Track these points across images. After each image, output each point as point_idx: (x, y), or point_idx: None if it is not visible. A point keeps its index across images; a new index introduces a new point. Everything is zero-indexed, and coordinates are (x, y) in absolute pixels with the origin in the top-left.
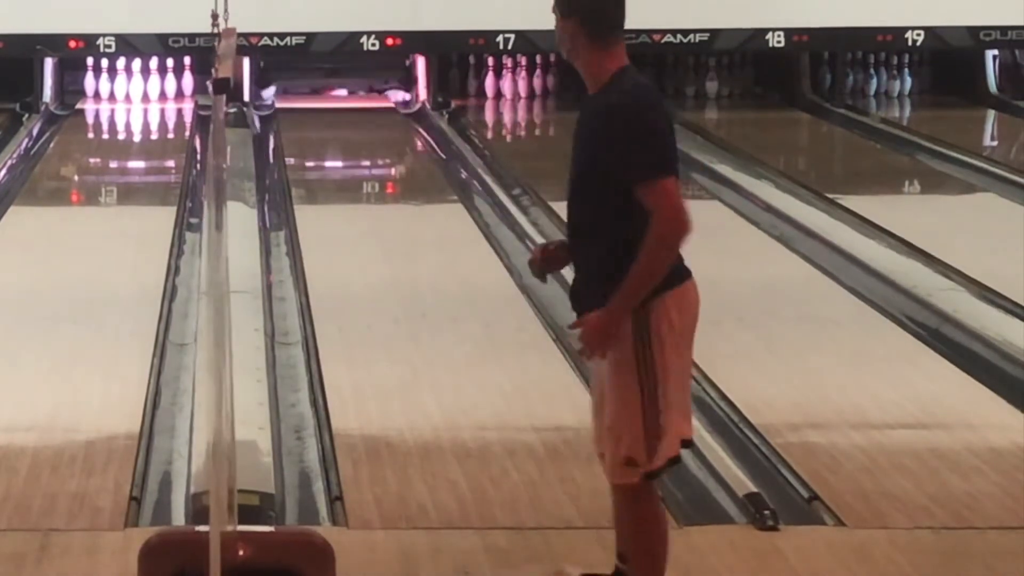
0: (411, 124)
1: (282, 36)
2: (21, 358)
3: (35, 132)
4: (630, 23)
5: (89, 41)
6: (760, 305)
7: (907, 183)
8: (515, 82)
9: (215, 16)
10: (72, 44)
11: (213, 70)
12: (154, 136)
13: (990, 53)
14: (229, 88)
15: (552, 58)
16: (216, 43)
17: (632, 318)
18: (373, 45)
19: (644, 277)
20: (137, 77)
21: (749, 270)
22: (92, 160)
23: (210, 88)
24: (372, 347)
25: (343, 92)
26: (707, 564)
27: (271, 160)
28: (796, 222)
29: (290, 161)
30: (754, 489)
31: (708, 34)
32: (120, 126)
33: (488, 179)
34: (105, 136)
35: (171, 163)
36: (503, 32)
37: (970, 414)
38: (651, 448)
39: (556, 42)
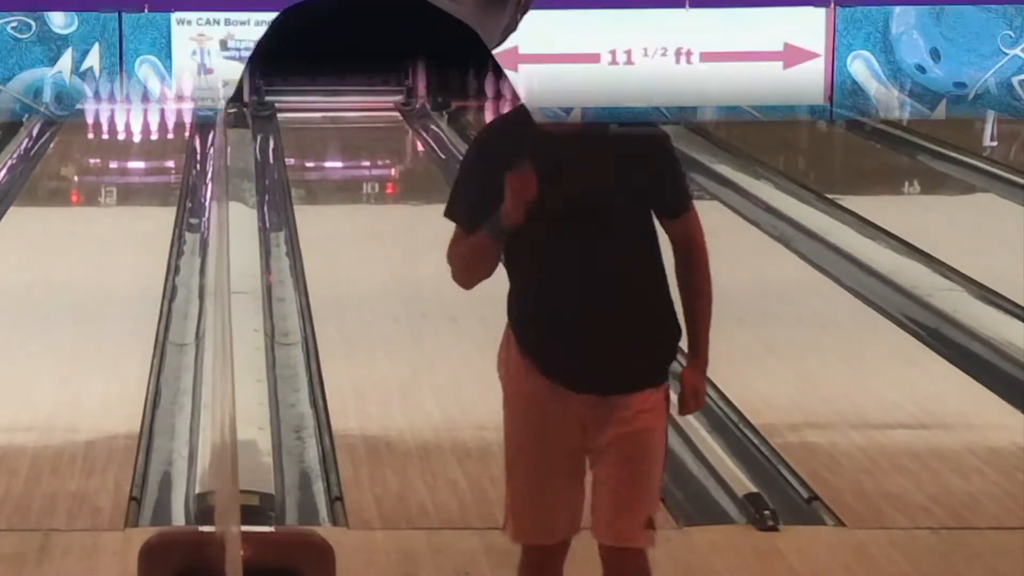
0: (411, 124)
1: None
2: (21, 358)
3: (35, 132)
4: None
5: None
6: (760, 305)
7: (907, 183)
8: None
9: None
10: None
11: None
12: (154, 136)
13: None
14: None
15: None
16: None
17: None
18: None
19: (709, 313)
20: None
21: (749, 270)
22: (92, 160)
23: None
24: (372, 347)
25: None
26: (707, 564)
27: (271, 160)
28: (796, 222)
29: (290, 161)
30: (754, 489)
31: None
32: (120, 126)
33: None
34: (105, 136)
35: (171, 163)
36: None
37: (970, 414)
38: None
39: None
